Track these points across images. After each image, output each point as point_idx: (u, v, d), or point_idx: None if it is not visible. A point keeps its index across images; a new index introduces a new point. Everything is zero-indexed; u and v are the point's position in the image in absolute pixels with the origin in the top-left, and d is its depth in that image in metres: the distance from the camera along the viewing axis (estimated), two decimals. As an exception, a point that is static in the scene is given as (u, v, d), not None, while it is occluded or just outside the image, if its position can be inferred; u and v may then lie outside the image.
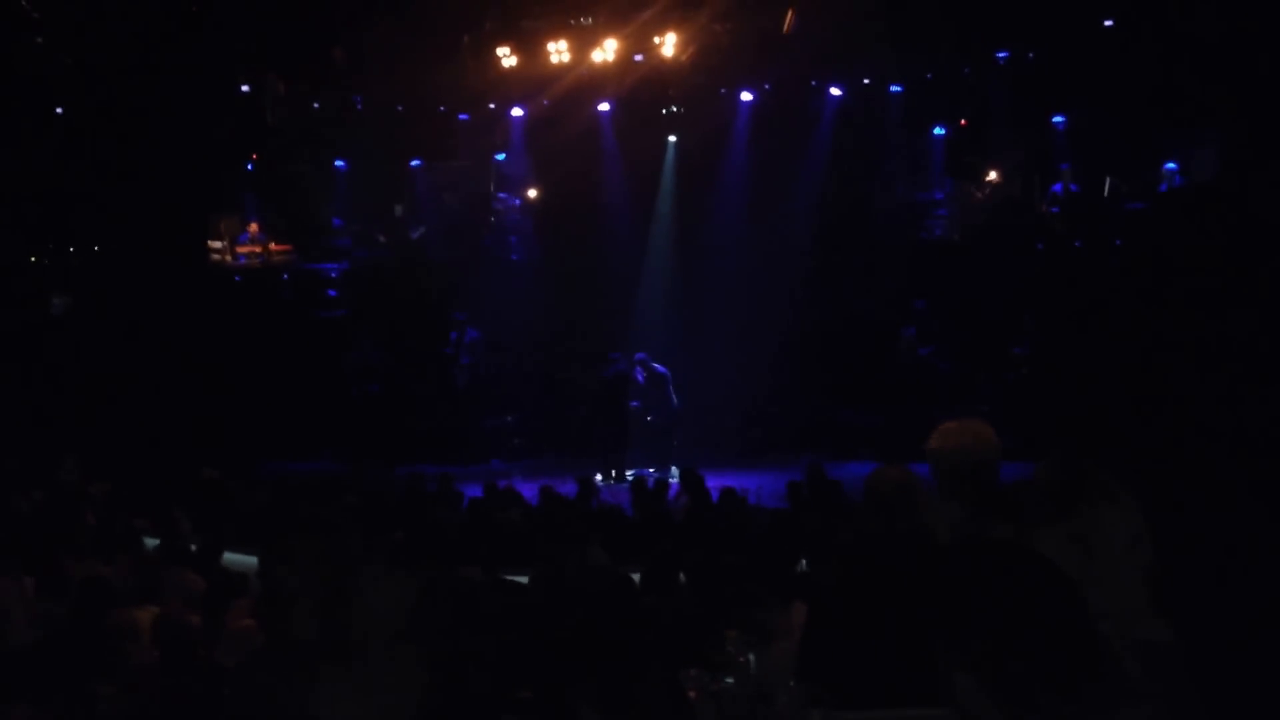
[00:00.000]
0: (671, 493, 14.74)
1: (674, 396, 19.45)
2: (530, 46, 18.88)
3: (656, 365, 19.25)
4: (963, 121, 20.95)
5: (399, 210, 23.08)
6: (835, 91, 20.60)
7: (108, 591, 7.84)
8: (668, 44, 18.51)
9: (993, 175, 21.34)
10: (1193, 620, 3.55)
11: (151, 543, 10.53)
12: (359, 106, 21.33)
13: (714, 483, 14.43)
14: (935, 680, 3.15)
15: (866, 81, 20.70)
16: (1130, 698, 2.91)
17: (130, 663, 6.86)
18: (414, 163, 22.52)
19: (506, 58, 18.91)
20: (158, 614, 7.75)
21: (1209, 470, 11.51)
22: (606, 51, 18.63)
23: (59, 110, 19.69)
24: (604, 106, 20.88)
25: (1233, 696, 3.71)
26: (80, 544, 9.64)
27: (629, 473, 18.58)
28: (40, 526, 10.04)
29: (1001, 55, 19.59)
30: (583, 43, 18.75)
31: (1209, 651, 3.51)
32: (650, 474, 17.56)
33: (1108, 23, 18.01)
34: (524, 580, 8.87)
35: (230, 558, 10.25)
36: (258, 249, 21.58)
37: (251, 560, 9.31)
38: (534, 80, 19.69)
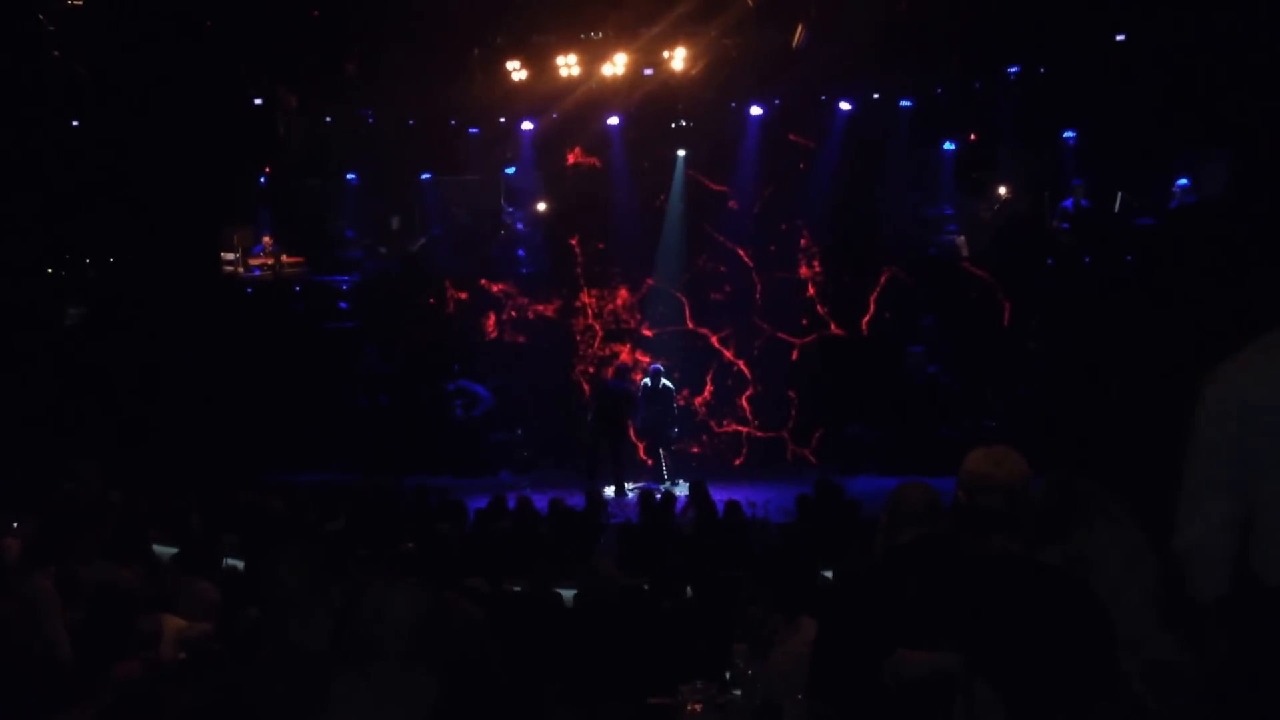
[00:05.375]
0: (679, 506, 14.75)
1: (676, 411, 19.49)
2: (540, 60, 18.90)
3: (665, 379, 19.26)
4: (972, 136, 20.93)
5: (395, 223, 23.13)
6: (845, 106, 20.57)
7: (124, 598, 7.88)
8: (677, 58, 18.53)
9: (1002, 191, 21.33)
10: (1203, 638, 3.55)
11: (165, 550, 10.57)
12: (370, 120, 21.42)
13: (721, 496, 14.45)
14: (944, 695, 3.17)
15: (876, 96, 20.67)
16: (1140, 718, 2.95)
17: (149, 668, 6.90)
18: (424, 176, 22.56)
19: (516, 71, 18.94)
20: (172, 622, 7.80)
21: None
22: (616, 65, 18.65)
23: (74, 122, 19.78)
24: (613, 120, 20.90)
25: (1244, 714, 3.71)
26: (95, 551, 9.65)
27: (634, 486, 18.60)
28: (55, 532, 10.06)
29: (1012, 70, 19.59)
30: (592, 57, 18.78)
31: (1219, 669, 3.52)
32: (658, 488, 17.56)
33: (1119, 37, 18.01)
34: (532, 592, 8.91)
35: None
36: (270, 261, 21.63)
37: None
38: (544, 94, 19.72)
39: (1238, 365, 4.03)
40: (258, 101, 20.03)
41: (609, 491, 17.91)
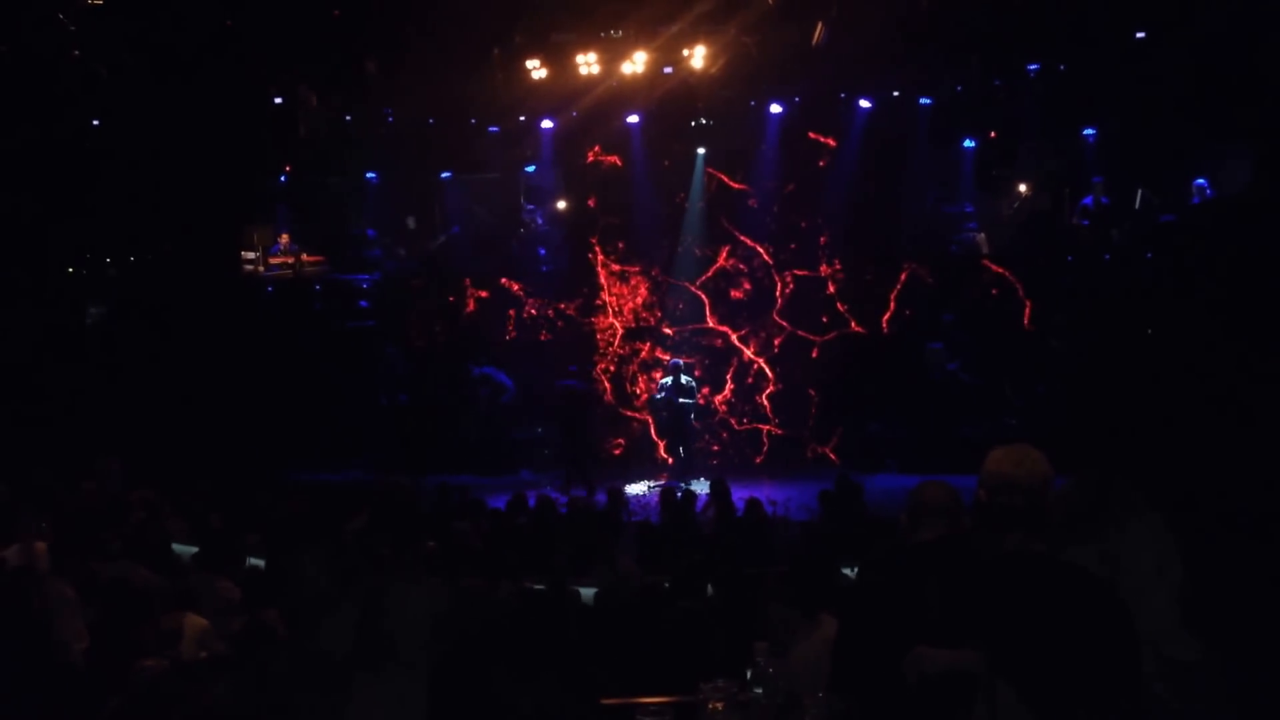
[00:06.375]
0: (699, 504, 14.76)
1: (694, 410, 19.50)
2: (560, 59, 18.92)
3: (684, 376, 19.28)
4: (992, 134, 20.91)
5: (411, 223, 23.16)
6: (865, 104, 20.55)
7: (144, 596, 7.90)
8: (697, 56, 18.53)
9: (1022, 188, 21.29)
10: (1225, 639, 3.56)
11: (185, 549, 10.60)
12: (390, 119, 21.42)
13: (741, 494, 14.45)
14: (965, 692, 3.17)
15: (896, 94, 20.64)
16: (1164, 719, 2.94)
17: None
18: (444, 175, 22.59)
19: (536, 70, 18.96)
20: (194, 621, 7.83)
21: (1242, 484, 11.49)
22: (636, 64, 18.66)
23: (95, 122, 19.85)
24: (633, 118, 20.90)
25: (1265, 714, 3.72)
26: (116, 549, 9.69)
27: (654, 484, 18.63)
28: (78, 531, 10.11)
29: (1032, 68, 19.54)
30: (612, 55, 18.79)
31: (1241, 670, 3.52)
32: (679, 486, 17.57)
33: (1139, 35, 17.98)
34: (552, 590, 8.91)
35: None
36: (290, 259, 21.68)
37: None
38: (563, 92, 19.73)
39: None
40: (278, 100, 20.08)
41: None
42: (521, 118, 21.30)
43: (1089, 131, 20.32)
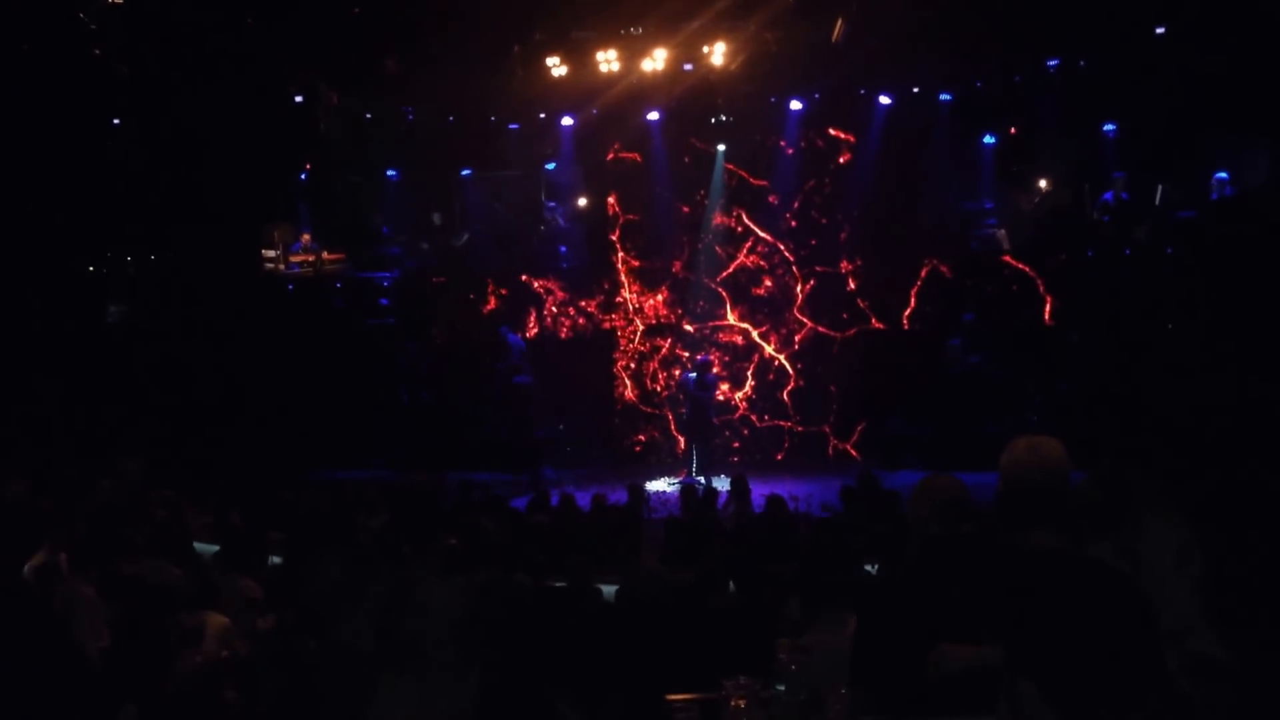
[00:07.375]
0: (721, 501, 14.75)
1: (712, 409, 19.51)
2: (580, 56, 18.95)
3: (708, 374, 19.29)
4: (1012, 130, 20.87)
5: (437, 219, 23.16)
6: (884, 100, 20.52)
7: (166, 595, 7.92)
8: (717, 53, 18.55)
9: (1043, 184, 21.23)
10: (1245, 633, 3.55)
11: (207, 548, 10.63)
12: (410, 117, 21.47)
13: (763, 491, 14.45)
14: (987, 689, 3.16)
15: (916, 90, 20.60)
16: (1187, 715, 2.93)
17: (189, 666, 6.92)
18: (465, 172, 22.61)
19: (556, 67, 19.00)
20: (216, 619, 7.84)
21: (1260, 479, 11.44)
22: (656, 60, 18.68)
23: (116, 121, 19.90)
24: (653, 115, 20.91)
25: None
26: (138, 548, 9.72)
27: (675, 481, 18.65)
28: (99, 530, 10.13)
29: (1052, 63, 19.50)
30: (632, 52, 18.80)
31: (1262, 665, 3.51)
32: (698, 482, 17.59)
33: (1159, 30, 17.92)
34: (573, 588, 8.92)
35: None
36: (310, 258, 21.68)
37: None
38: (584, 89, 19.75)
39: None
40: (298, 98, 20.12)
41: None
42: (542, 115, 21.34)
43: (1109, 127, 20.25)
